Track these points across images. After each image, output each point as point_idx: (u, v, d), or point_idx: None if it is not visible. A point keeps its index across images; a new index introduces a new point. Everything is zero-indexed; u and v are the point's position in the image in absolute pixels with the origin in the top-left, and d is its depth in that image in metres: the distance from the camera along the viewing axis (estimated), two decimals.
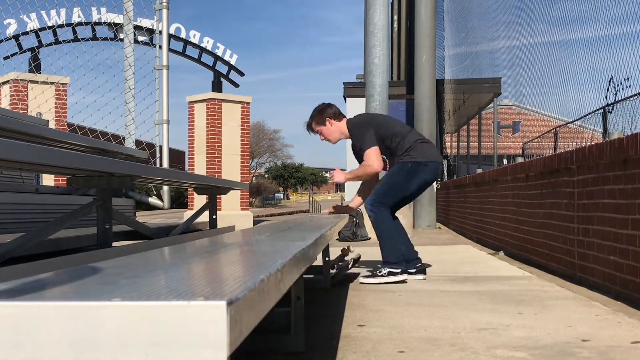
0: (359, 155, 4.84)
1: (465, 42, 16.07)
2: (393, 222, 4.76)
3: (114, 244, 3.28)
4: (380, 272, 4.66)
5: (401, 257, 4.70)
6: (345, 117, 5.04)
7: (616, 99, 5.78)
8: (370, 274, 4.73)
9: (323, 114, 4.98)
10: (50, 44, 13.44)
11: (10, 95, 11.98)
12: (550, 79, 7.20)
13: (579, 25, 6.29)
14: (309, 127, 5.04)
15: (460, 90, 17.02)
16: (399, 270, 4.65)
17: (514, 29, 10.14)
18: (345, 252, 5.08)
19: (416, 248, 4.91)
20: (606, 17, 5.50)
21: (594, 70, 5.69)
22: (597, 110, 6.22)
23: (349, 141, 4.94)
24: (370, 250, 7.12)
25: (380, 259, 4.74)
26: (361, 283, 4.66)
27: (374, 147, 4.71)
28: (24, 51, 13.99)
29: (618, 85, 5.43)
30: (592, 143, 4.36)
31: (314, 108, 5.05)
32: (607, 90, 5.46)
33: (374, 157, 4.71)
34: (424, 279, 4.77)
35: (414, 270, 4.76)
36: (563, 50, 6.56)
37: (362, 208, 10.12)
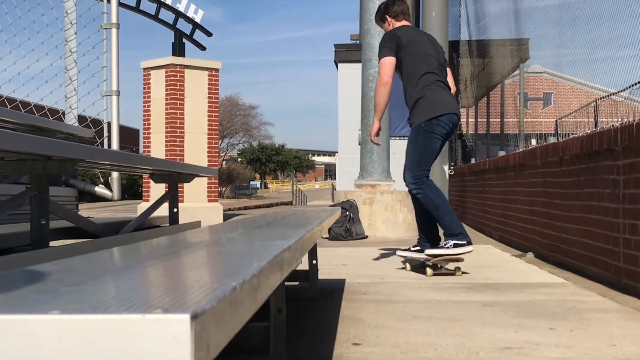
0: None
1: None
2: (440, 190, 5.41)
3: (52, 243, 3.27)
4: (445, 244, 5.22)
5: (462, 228, 5.30)
6: (407, 19, 5.49)
7: None
8: (418, 247, 5.39)
9: (386, 10, 5.47)
10: None
11: None
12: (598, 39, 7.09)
13: None
14: (376, 22, 5.70)
15: (479, 55, 16.99)
16: (464, 242, 5.20)
17: None
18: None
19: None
20: None
21: None
22: None
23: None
24: (371, 251, 7.13)
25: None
26: (410, 258, 5.48)
27: (387, 57, 5.30)
28: None
29: None
30: None
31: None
32: None
33: (384, 67, 5.31)
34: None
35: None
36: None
37: (356, 199, 10.13)
